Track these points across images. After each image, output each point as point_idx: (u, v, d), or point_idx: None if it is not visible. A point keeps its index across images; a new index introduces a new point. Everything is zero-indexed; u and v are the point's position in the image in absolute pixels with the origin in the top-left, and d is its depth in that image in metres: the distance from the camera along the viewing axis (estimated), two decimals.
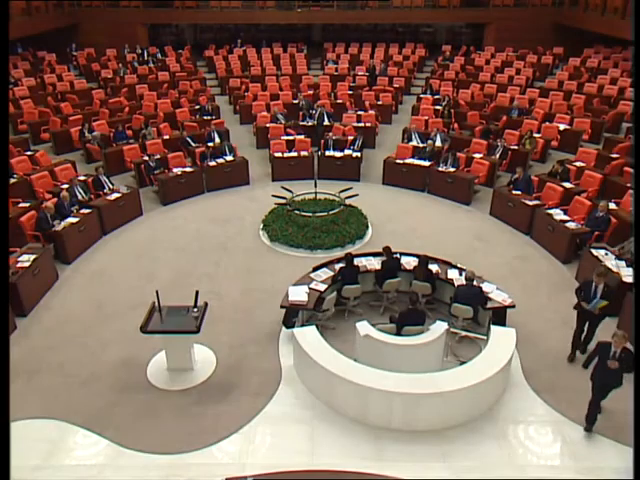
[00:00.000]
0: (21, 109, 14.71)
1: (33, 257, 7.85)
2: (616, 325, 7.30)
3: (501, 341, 6.21)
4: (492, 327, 6.50)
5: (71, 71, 19.02)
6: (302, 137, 13.28)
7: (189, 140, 13.01)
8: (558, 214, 9.31)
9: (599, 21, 17.40)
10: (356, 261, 7.73)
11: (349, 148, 12.61)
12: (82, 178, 10.86)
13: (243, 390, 6.28)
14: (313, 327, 6.45)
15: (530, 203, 9.81)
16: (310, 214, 9.71)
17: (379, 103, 16.18)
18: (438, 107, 15.41)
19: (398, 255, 7.91)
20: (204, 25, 24.04)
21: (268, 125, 14.09)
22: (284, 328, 7.14)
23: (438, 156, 12.04)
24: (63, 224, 8.98)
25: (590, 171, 10.85)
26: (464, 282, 7.12)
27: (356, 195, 10.15)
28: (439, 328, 6.28)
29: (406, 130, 13.80)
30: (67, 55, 20.53)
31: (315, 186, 10.42)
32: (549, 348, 6.95)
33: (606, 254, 8.00)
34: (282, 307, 7.01)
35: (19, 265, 7.62)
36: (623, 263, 7.69)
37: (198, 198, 11.52)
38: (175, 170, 11.44)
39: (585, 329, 6.78)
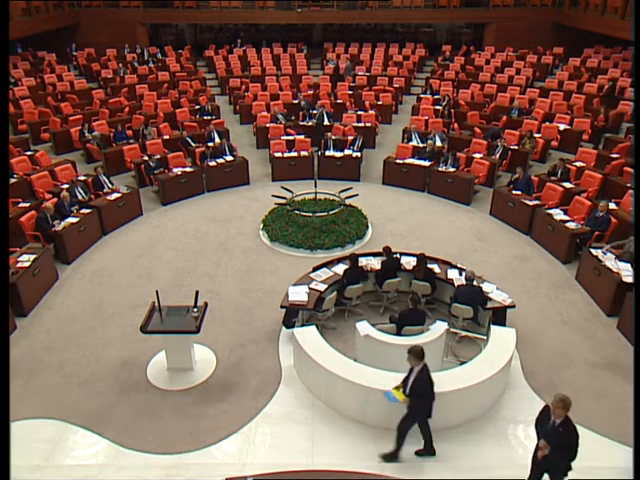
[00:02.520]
0: (21, 109, 14.72)
1: (33, 257, 7.85)
2: (616, 325, 7.34)
3: (501, 341, 6.20)
4: (492, 327, 6.49)
5: (71, 71, 19.04)
6: (302, 137, 13.28)
7: (189, 140, 13.01)
8: (558, 214, 9.31)
9: (599, 21, 17.41)
10: (359, 261, 7.70)
11: (349, 148, 12.61)
12: (82, 178, 10.86)
13: (243, 390, 6.28)
14: (313, 327, 6.45)
15: (530, 203, 9.81)
16: (310, 214, 9.70)
17: (379, 103, 16.19)
18: (438, 107, 15.41)
19: (398, 255, 7.91)
20: (204, 25, 24.06)
21: (268, 125, 14.09)
22: (284, 328, 7.14)
23: (438, 156, 12.05)
24: (63, 224, 8.98)
25: (590, 171, 10.85)
26: (464, 282, 7.12)
27: (356, 195, 10.15)
28: (439, 328, 6.28)
29: (406, 130, 13.81)
30: (67, 55, 20.54)
31: (315, 186, 10.42)
32: (549, 348, 6.95)
33: (605, 254, 7.99)
34: (282, 307, 7.01)
35: (19, 265, 7.61)
36: (623, 263, 7.69)
37: (198, 198, 11.52)
38: (175, 170, 11.44)
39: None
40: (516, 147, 12.48)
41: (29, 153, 12.04)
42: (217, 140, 13.03)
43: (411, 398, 5.10)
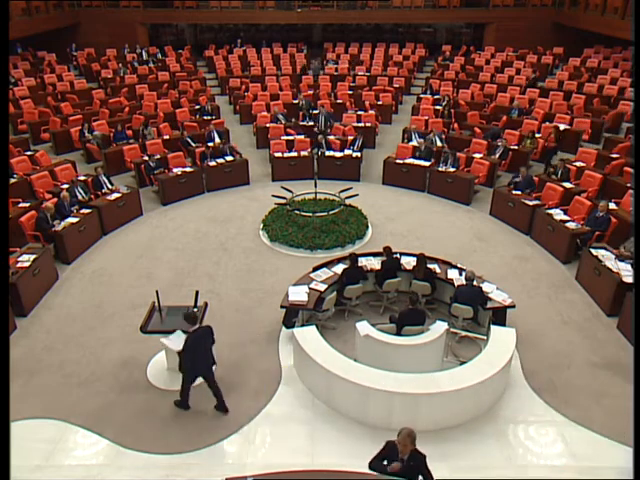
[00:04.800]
0: (21, 109, 14.72)
1: (33, 257, 7.84)
2: (616, 325, 7.34)
3: (501, 341, 6.20)
4: (492, 327, 6.49)
5: (71, 71, 19.05)
6: (302, 137, 13.27)
7: (189, 140, 13.00)
8: (558, 214, 9.31)
9: (599, 21, 17.42)
10: (358, 261, 7.71)
11: (349, 148, 12.61)
12: (82, 178, 10.86)
13: (243, 390, 6.28)
14: (313, 327, 6.45)
15: (530, 203, 9.81)
16: (310, 214, 9.70)
17: (379, 103, 16.19)
18: (438, 107, 15.41)
19: (398, 255, 7.91)
20: (204, 25, 24.07)
21: (268, 125, 14.09)
22: (284, 328, 7.14)
23: (438, 156, 12.05)
24: (63, 224, 8.98)
25: (590, 171, 10.84)
26: (464, 282, 7.12)
27: (356, 195, 10.15)
28: (439, 328, 6.28)
29: (406, 130, 13.81)
30: (67, 55, 20.55)
31: (315, 186, 10.42)
32: (549, 348, 6.95)
33: (605, 254, 7.99)
34: (282, 307, 7.01)
35: (19, 265, 7.61)
36: (623, 264, 7.69)
37: (198, 198, 11.52)
38: (175, 170, 11.43)
39: None
40: (516, 147, 12.48)
41: (29, 153, 12.03)
42: (217, 140, 13.03)
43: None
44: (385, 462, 4.48)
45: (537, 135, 13.01)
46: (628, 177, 10.37)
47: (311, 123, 14.50)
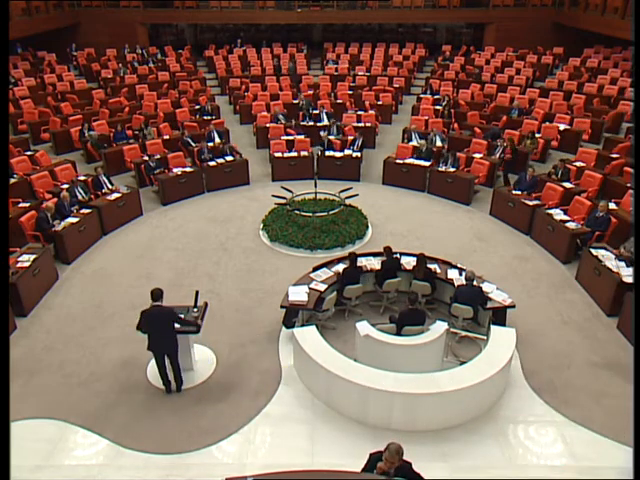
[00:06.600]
0: (21, 109, 14.72)
1: (33, 257, 7.84)
2: (616, 325, 7.34)
3: (501, 341, 6.20)
4: (492, 327, 6.49)
5: (71, 71, 19.05)
6: (302, 137, 13.27)
7: (189, 140, 13.00)
8: (558, 214, 9.31)
9: (599, 21, 17.42)
10: (357, 261, 7.71)
11: (349, 148, 12.61)
12: (82, 178, 10.86)
13: (243, 390, 6.28)
14: (313, 327, 6.45)
15: (530, 203, 9.81)
16: (310, 214, 9.70)
17: (379, 103, 16.20)
18: (438, 107, 15.42)
19: (398, 255, 7.91)
20: (204, 25, 24.09)
21: (268, 125, 14.09)
22: (284, 328, 7.14)
23: (438, 156, 12.05)
24: (63, 224, 8.97)
25: (590, 171, 10.84)
26: (464, 282, 7.11)
27: (356, 195, 10.15)
28: (439, 328, 6.28)
29: (406, 130, 13.81)
30: (67, 55, 20.55)
31: (315, 186, 10.42)
32: (549, 348, 6.95)
33: (605, 254, 7.99)
34: (282, 307, 7.01)
35: (19, 265, 7.61)
36: (623, 263, 7.69)
37: (198, 198, 11.52)
38: (175, 170, 11.43)
39: None
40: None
41: (29, 153, 12.03)
42: (217, 140, 13.03)
43: None
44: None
45: (537, 135, 13.01)
46: (628, 177, 10.37)
47: (311, 123, 14.49)
